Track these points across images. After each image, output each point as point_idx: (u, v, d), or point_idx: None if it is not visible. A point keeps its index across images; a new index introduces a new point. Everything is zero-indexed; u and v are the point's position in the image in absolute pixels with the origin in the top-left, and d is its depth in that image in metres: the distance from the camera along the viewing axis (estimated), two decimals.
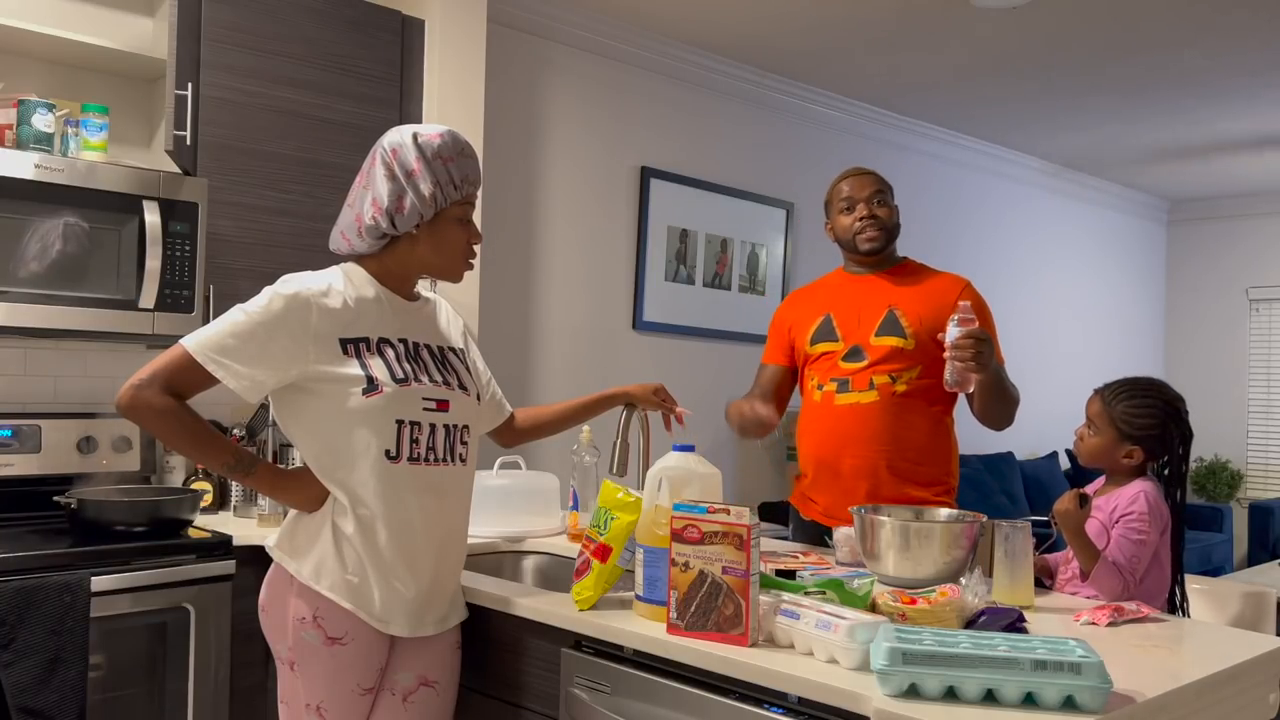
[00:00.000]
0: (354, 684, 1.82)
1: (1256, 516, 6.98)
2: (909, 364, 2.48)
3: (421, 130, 1.84)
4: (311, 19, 3.07)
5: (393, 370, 1.81)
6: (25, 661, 2.16)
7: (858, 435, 2.49)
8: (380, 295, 1.87)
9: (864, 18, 4.23)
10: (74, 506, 2.50)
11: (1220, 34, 4.30)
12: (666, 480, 1.76)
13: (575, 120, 4.37)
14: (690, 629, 1.62)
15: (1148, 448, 2.24)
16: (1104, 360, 7.33)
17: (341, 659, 1.80)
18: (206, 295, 2.84)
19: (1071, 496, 2.08)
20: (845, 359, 2.53)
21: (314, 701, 1.81)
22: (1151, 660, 1.59)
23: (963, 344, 2.16)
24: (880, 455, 2.47)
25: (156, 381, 1.73)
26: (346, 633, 1.80)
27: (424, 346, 1.90)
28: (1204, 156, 6.42)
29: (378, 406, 1.78)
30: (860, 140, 5.60)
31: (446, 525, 1.87)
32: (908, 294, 2.54)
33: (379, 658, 1.85)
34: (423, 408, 1.82)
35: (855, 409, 2.50)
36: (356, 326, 1.81)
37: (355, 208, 1.85)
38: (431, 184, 1.81)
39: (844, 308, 2.59)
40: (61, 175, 2.57)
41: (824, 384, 2.56)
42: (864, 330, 2.53)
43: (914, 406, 2.48)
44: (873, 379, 2.49)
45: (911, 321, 2.49)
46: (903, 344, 2.48)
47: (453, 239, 1.88)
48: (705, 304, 4.88)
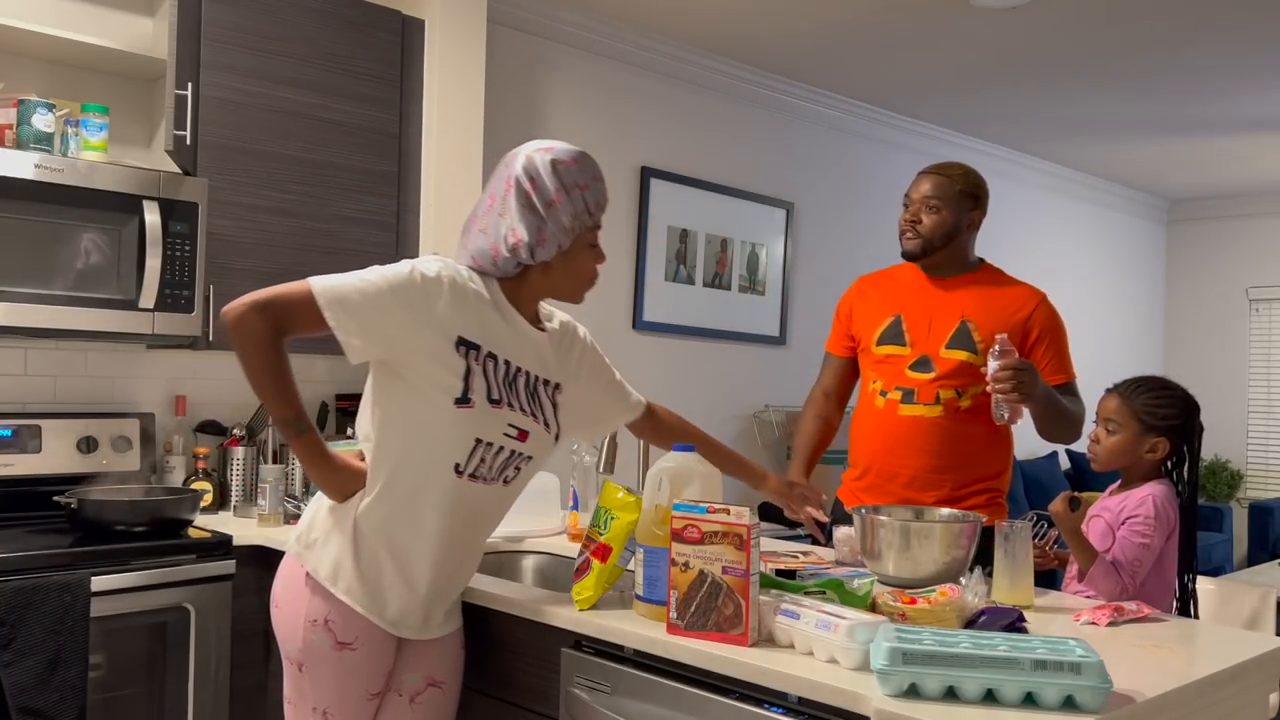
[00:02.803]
0: (361, 689, 1.81)
1: (1256, 516, 6.98)
2: (977, 379, 2.40)
3: (559, 156, 1.79)
4: (311, 19, 3.07)
5: (490, 388, 1.77)
6: (25, 661, 2.16)
7: (920, 449, 2.45)
8: (506, 312, 1.84)
9: (864, 18, 4.23)
10: (74, 506, 2.50)
11: (1220, 34, 4.30)
12: (666, 480, 1.76)
13: (575, 120, 4.37)
14: (690, 629, 1.62)
15: (1172, 439, 2.24)
16: (1104, 360, 7.32)
17: (350, 664, 1.79)
18: (206, 295, 2.84)
19: (1063, 500, 2.09)
20: (912, 368, 2.47)
21: (321, 705, 1.81)
22: (1151, 660, 1.59)
23: (1001, 376, 2.14)
24: (941, 469, 2.44)
25: (271, 309, 1.69)
26: (357, 638, 1.79)
27: (524, 373, 1.85)
28: (1204, 156, 6.42)
29: (465, 419, 1.75)
30: (860, 140, 5.60)
31: (472, 538, 1.87)
32: (982, 305, 2.47)
33: (386, 662, 1.84)
34: (504, 432, 1.79)
35: (919, 422, 2.45)
36: (478, 331, 1.78)
37: (490, 235, 1.81)
38: (571, 216, 1.78)
39: (916, 311, 2.52)
40: (61, 175, 2.57)
41: (888, 390, 2.50)
42: (935, 340, 2.47)
43: (977, 420, 2.43)
44: (939, 393, 2.43)
45: (984, 335, 2.42)
46: (972, 359, 2.41)
47: (583, 264, 1.85)
48: (705, 304, 4.88)
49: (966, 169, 2.52)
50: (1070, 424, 2.41)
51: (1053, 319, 2.47)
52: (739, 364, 5.04)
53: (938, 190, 2.47)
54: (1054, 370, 2.42)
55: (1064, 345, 2.48)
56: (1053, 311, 2.49)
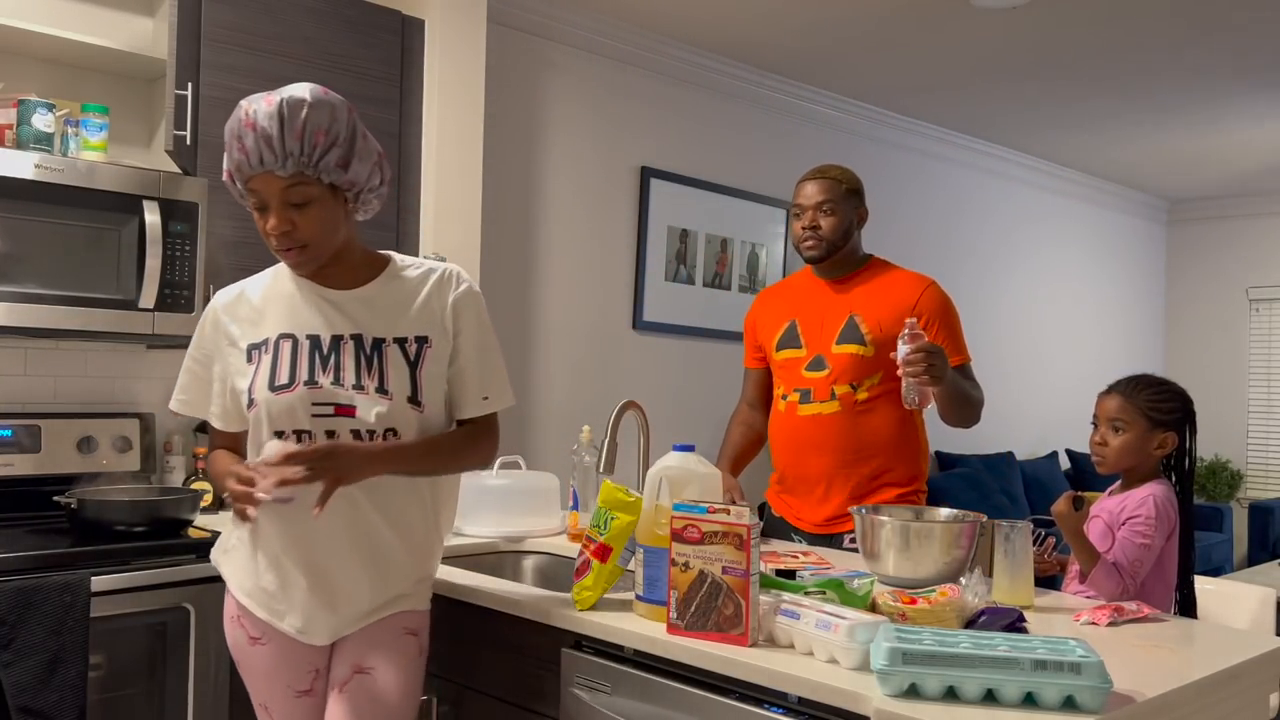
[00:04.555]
0: (284, 684, 1.84)
1: (1256, 516, 6.98)
2: (870, 371, 2.50)
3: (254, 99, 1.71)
4: (311, 19, 3.07)
5: (275, 375, 1.73)
6: (25, 661, 2.16)
7: (821, 445, 2.53)
8: (300, 287, 1.79)
9: (864, 18, 4.23)
10: (74, 506, 2.50)
11: (1220, 34, 4.30)
12: (666, 480, 1.76)
13: (575, 120, 4.37)
14: (690, 629, 1.62)
15: (1179, 433, 2.25)
16: (1104, 360, 7.33)
17: (264, 658, 1.83)
18: (206, 295, 2.84)
19: (1066, 499, 2.09)
20: (808, 368, 2.57)
21: (259, 700, 1.87)
22: (1151, 660, 1.59)
23: (913, 359, 2.17)
24: (845, 463, 2.52)
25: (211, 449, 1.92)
26: (264, 634, 1.83)
27: (347, 340, 1.75)
28: (1204, 156, 6.42)
29: (256, 421, 1.76)
30: (860, 140, 5.60)
31: (360, 528, 1.77)
32: (869, 299, 2.55)
33: (306, 661, 1.82)
34: (313, 414, 1.72)
35: (818, 420, 2.54)
36: (261, 329, 1.79)
37: None
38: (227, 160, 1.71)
39: (808, 313, 2.61)
40: (61, 175, 2.57)
41: (788, 394, 2.60)
42: (825, 338, 2.55)
43: (878, 411, 2.51)
44: (834, 389, 2.52)
45: (871, 328, 2.50)
46: (862, 351, 2.50)
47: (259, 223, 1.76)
48: (705, 304, 4.88)
49: (843, 169, 2.61)
50: (972, 406, 2.46)
51: (940, 302, 2.52)
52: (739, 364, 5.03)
53: (827, 193, 2.55)
54: (950, 352, 2.40)
55: (956, 327, 2.53)
56: (940, 295, 2.54)
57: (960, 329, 2.55)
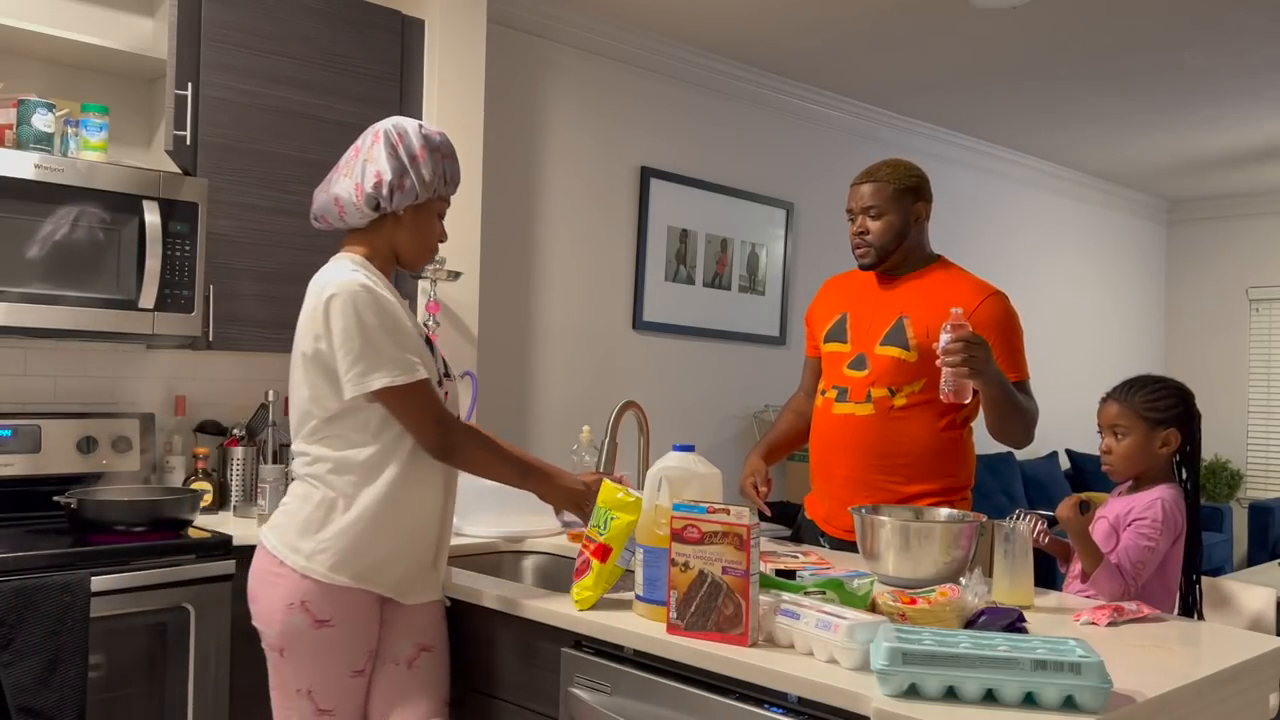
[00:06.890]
0: (344, 666, 1.86)
1: (1256, 516, 6.97)
2: (911, 377, 2.36)
3: (425, 128, 1.98)
4: (311, 19, 3.07)
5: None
6: (25, 661, 2.16)
7: (846, 446, 2.42)
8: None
9: (864, 17, 4.23)
10: (74, 506, 2.50)
11: (1220, 34, 4.30)
12: (666, 480, 1.76)
13: (575, 120, 4.37)
14: (690, 629, 1.62)
15: (1180, 429, 2.25)
16: (1104, 360, 7.33)
17: (329, 641, 1.85)
18: (206, 295, 2.84)
19: (1072, 504, 2.08)
20: (850, 365, 2.45)
21: (303, 686, 1.86)
22: (1151, 660, 1.59)
23: (952, 349, 2.05)
24: (869, 468, 2.39)
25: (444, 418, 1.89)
26: (334, 615, 1.84)
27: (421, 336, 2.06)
28: (1204, 156, 6.42)
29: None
30: (860, 140, 5.60)
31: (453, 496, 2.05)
32: (922, 301, 2.40)
33: (368, 639, 1.89)
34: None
35: (849, 421, 2.41)
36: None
37: (354, 178, 1.92)
38: (431, 172, 1.94)
39: (860, 309, 2.49)
40: (61, 175, 2.57)
41: (827, 389, 2.49)
42: (871, 337, 2.43)
43: (914, 420, 2.37)
44: (870, 390, 2.39)
45: (918, 332, 2.36)
46: (904, 355, 2.36)
47: (431, 229, 2.01)
48: (705, 304, 4.88)
49: (895, 165, 2.45)
50: (1023, 419, 2.29)
51: (1001, 315, 2.35)
52: (739, 364, 5.04)
53: (874, 196, 2.42)
54: (1005, 369, 2.25)
55: (1016, 343, 2.37)
56: (1001, 307, 2.37)
57: (1021, 346, 2.38)
